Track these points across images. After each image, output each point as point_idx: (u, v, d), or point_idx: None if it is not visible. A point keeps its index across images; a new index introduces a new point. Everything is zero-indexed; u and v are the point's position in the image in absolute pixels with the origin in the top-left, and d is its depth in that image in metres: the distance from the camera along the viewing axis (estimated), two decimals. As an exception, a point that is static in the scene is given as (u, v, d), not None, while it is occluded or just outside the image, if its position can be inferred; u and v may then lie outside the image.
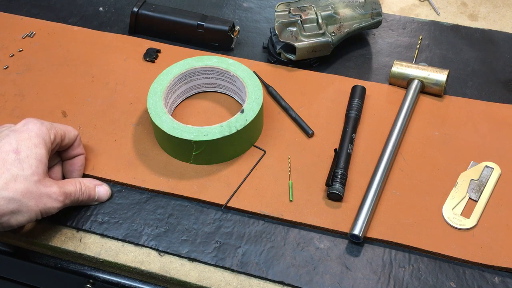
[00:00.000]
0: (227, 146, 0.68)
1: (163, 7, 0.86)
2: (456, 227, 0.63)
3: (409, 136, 0.73)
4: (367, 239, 0.63)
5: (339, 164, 0.68)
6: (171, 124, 0.68)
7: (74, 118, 0.76)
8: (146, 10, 0.85)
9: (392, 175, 0.69)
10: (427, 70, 0.77)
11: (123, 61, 0.83)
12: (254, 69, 0.80)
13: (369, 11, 0.82)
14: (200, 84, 0.78)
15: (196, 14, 0.85)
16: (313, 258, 0.62)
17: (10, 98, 0.78)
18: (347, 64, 0.83)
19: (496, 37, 0.87)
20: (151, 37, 0.87)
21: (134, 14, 0.85)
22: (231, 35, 0.81)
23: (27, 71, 0.82)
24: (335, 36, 0.80)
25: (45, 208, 0.59)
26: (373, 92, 0.78)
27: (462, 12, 0.93)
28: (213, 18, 0.84)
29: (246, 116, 0.69)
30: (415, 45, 0.86)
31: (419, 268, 0.61)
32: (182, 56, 0.83)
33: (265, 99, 0.77)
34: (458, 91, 0.79)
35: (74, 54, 0.84)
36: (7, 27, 0.89)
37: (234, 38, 0.81)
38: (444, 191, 0.67)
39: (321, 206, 0.66)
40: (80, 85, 0.80)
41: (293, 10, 0.80)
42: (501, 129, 0.74)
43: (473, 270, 0.61)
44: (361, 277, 0.60)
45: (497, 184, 0.68)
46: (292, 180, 0.68)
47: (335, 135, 0.73)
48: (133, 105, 0.77)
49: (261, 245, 0.63)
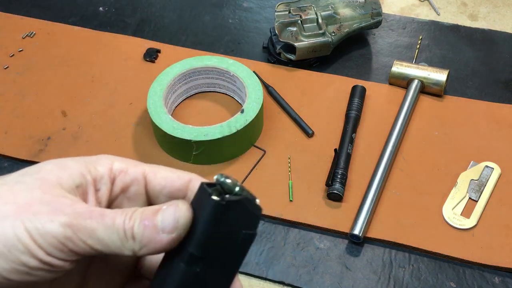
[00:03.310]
0: (227, 146, 0.68)
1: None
2: (456, 227, 0.63)
3: (409, 136, 0.73)
4: (367, 239, 0.63)
5: (339, 164, 0.67)
6: (171, 124, 0.68)
7: (74, 118, 0.76)
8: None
9: (392, 175, 0.69)
10: (427, 70, 0.77)
11: (123, 61, 0.83)
12: (254, 69, 0.80)
13: (369, 11, 0.82)
14: (200, 84, 0.78)
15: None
16: (313, 258, 0.62)
17: (10, 98, 0.78)
18: (347, 64, 0.83)
19: (496, 37, 0.87)
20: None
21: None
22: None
23: (27, 71, 0.82)
24: (335, 36, 0.80)
25: (35, 227, 0.32)
26: (373, 92, 0.78)
27: (462, 12, 0.93)
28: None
29: (246, 116, 0.69)
30: (415, 45, 0.86)
31: (419, 268, 0.61)
32: (182, 56, 0.83)
33: (265, 99, 0.77)
34: (458, 91, 0.79)
35: (74, 54, 0.84)
36: (7, 27, 0.89)
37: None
38: (444, 191, 0.67)
39: (321, 206, 0.66)
40: (80, 85, 0.80)
41: (293, 10, 0.80)
42: (501, 129, 0.74)
43: (473, 270, 0.61)
44: (361, 277, 0.60)
45: (497, 184, 0.68)
46: (292, 180, 0.68)
47: (335, 135, 0.73)
48: (133, 105, 0.77)
49: (261, 245, 0.63)
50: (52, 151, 0.71)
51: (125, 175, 0.37)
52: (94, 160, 0.36)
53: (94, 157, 0.37)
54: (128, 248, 0.33)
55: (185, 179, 0.37)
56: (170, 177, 0.37)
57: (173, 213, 0.33)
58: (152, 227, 0.33)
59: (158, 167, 0.38)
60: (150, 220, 0.33)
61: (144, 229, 0.33)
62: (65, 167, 0.35)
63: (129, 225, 0.33)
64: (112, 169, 0.36)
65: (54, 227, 0.32)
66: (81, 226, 0.32)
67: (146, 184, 0.37)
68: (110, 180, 0.36)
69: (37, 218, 0.32)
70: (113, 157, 0.37)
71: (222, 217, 0.33)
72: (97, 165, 0.36)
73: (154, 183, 0.37)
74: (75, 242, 0.32)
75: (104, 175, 0.36)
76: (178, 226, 0.33)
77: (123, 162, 0.37)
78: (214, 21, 0.91)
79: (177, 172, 0.38)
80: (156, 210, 0.33)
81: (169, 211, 0.33)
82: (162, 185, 0.37)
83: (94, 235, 0.32)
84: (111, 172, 0.36)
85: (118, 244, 0.33)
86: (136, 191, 0.38)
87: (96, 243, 0.32)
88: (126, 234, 0.33)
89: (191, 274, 0.33)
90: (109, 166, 0.36)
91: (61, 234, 0.32)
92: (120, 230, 0.32)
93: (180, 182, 0.37)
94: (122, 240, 0.33)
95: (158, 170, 0.38)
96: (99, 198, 0.36)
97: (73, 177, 0.34)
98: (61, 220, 0.32)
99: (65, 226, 0.32)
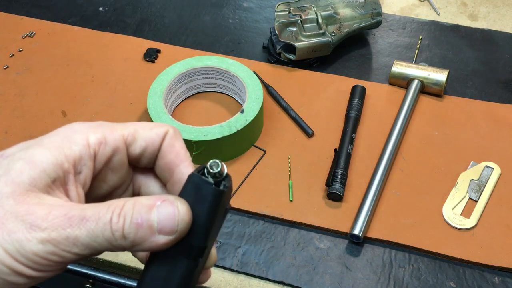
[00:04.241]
0: (227, 146, 0.68)
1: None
2: (456, 227, 0.63)
3: (409, 136, 0.73)
4: (367, 239, 0.63)
5: (339, 164, 0.67)
6: (171, 124, 0.68)
7: (74, 118, 0.76)
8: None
9: (392, 175, 0.69)
10: (427, 70, 0.77)
11: (123, 61, 0.83)
12: (254, 69, 0.80)
13: (369, 11, 0.82)
14: (200, 84, 0.78)
15: None
16: (313, 258, 0.62)
17: (10, 98, 0.78)
18: (347, 64, 0.83)
19: (496, 37, 0.87)
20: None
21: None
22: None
23: (27, 71, 0.82)
24: (335, 36, 0.80)
25: (14, 247, 0.30)
26: (373, 92, 0.78)
27: (462, 12, 0.93)
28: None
29: (246, 116, 0.69)
30: (415, 45, 0.86)
31: (419, 268, 0.61)
32: (182, 56, 0.83)
33: (265, 99, 0.77)
34: (458, 91, 0.79)
35: (74, 54, 0.84)
36: (7, 27, 0.89)
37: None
38: (444, 191, 0.67)
39: (321, 206, 0.66)
40: (80, 85, 0.80)
41: (293, 10, 0.80)
42: (501, 129, 0.74)
43: (473, 270, 0.61)
44: (361, 277, 0.60)
45: (497, 184, 0.68)
46: (292, 180, 0.68)
47: (335, 135, 0.73)
48: (133, 105, 0.77)
49: (261, 245, 0.63)
50: (52, 151, 0.71)
51: (105, 147, 0.34)
52: (67, 140, 0.33)
53: (67, 133, 0.33)
54: (118, 247, 0.31)
55: (162, 134, 0.36)
56: (150, 137, 0.35)
57: (173, 216, 0.31)
58: (147, 227, 0.30)
59: (134, 125, 0.36)
60: (144, 219, 0.30)
61: (137, 228, 0.30)
62: (36, 163, 0.31)
63: (118, 225, 0.30)
64: (89, 144, 0.33)
65: (33, 246, 0.29)
66: (62, 238, 0.30)
67: (127, 149, 0.35)
68: (90, 158, 0.33)
69: (14, 238, 0.30)
70: (86, 126, 0.34)
71: (221, 203, 0.32)
72: (72, 144, 0.33)
73: (135, 147, 0.35)
74: (59, 254, 0.30)
75: (82, 155, 0.33)
76: (178, 229, 0.31)
77: (98, 130, 0.34)
78: (214, 21, 0.91)
79: (154, 128, 0.36)
80: (150, 206, 0.31)
81: (167, 211, 0.31)
82: (143, 147, 0.35)
83: (78, 243, 0.30)
84: (89, 149, 0.33)
85: (107, 245, 0.30)
86: (119, 160, 0.35)
87: (83, 250, 0.30)
88: (114, 235, 0.30)
89: (195, 266, 0.32)
90: (85, 142, 0.33)
91: (42, 251, 0.30)
92: (106, 232, 0.30)
93: (159, 139, 0.36)
94: (110, 241, 0.30)
95: (135, 130, 0.35)
96: (82, 181, 0.33)
97: (47, 173, 0.31)
98: (38, 237, 0.30)
99: (44, 243, 0.30)
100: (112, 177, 0.36)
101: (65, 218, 0.30)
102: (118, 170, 0.36)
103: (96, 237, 0.30)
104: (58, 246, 0.30)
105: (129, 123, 0.36)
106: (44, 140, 0.33)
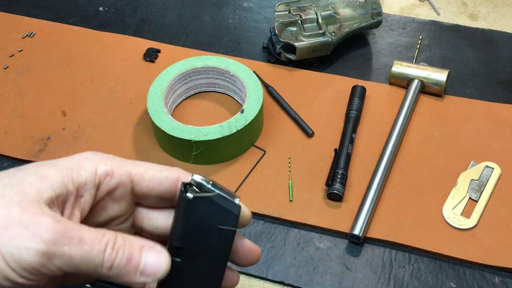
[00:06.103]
0: (227, 146, 0.68)
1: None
2: (456, 227, 0.63)
3: (409, 136, 0.73)
4: (367, 239, 0.63)
5: (339, 164, 0.67)
6: (171, 124, 0.68)
7: (74, 118, 0.76)
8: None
9: (392, 175, 0.69)
10: (427, 70, 0.77)
11: (123, 61, 0.83)
12: (254, 69, 0.80)
13: (369, 11, 0.82)
14: (200, 84, 0.78)
15: None
16: (313, 258, 0.62)
17: (10, 98, 0.78)
18: (347, 64, 0.83)
19: (496, 37, 0.87)
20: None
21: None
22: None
23: (27, 71, 0.82)
24: (335, 36, 0.80)
25: (11, 252, 0.31)
26: (373, 92, 0.78)
27: (462, 12, 0.93)
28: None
29: (246, 116, 0.69)
30: (415, 45, 0.86)
31: (419, 268, 0.61)
32: (182, 56, 0.83)
33: (265, 99, 0.77)
34: (458, 91, 0.79)
35: (74, 54, 0.84)
36: (7, 27, 0.89)
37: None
38: (444, 191, 0.67)
39: (321, 206, 0.66)
40: (80, 85, 0.80)
41: (293, 10, 0.80)
42: (501, 129, 0.74)
43: (473, 270, 0.61)
44: (361, 277, 0.60)
45: (497, 184, 0.68)
46: (292, 180, 0.68)
47: (335, 135, 0.73)
48: (133, 105, 0.77)
49: (261, 245, 0.63)
50: (52, 151, 0.71)
51: (110, 179, 0.37)
52: (78, 165, 0.36)
53: (79, 160, 0.36)
54: (99, 274, 0.33)
55: (173, 178, 0.38)
56: (158, 178, 0.37)
57: (158, 264, 0.34)
58: (135, 266, 0.33)
59: (145, 166, 0.38)
60: (134, 257, 0.33)
61: (126, 264, 0.33)
62: (45, 178, 0.34)
63: (111, 257, 0.33)
64: (96, 174, 0.36)
65: (31, 256, 0.31)
66: (58, 253, 0.31)
67: (133, 186, 0.37)
68: (94, 186, 0.36)
69: (14, 243, 0.31)
70: (98, 157, 0.37)
71: (193, 211, 0.36)
72: (80, 170, 0.35)
73: (142, 186, 0.37)
74: (49, 268, 0.32)
75: (87, 181, 0.36)
76: (155, 277, 0.34)
77: (109, 163, 0.37)
78: (214, 21, 0.91)
79: (164, 171, 0.38)
80: (140, 248, 0.34)
81: (154, 257, 0.34)
82: (151, 187, 0.38)
83: (70, 262, 0.32)
84: (95, 177, 0.36)
85: (91, 271, 0.33)
86: (122, 193, 0.38)
87: (70, 268, 0.32)
88: (103, 264, 0.32)
89: (173, 264, 0.36)
90: (93, 170, 0.36)
91: (37, 263, 0.31)
92: (97, 259, 0.32)
93: (168, 183, 0.38)
94: (96, 268, 0.32)
95: (145, 171, 0.37)
96: (81, 205, 0.36)
97: (53, 188, 0.34)
98: (37, 248, 0.31)
99: (41, 255, 0.31)
100: (113, 208, 0.38)
101: (66, 235, 0.32)
102: (120, 203, 0.38)
103: (86, 261, 0.32)
104: (52, 260, 0.32)
105: (141, 162, 0.38)
106: (58, 162, 0.36)
